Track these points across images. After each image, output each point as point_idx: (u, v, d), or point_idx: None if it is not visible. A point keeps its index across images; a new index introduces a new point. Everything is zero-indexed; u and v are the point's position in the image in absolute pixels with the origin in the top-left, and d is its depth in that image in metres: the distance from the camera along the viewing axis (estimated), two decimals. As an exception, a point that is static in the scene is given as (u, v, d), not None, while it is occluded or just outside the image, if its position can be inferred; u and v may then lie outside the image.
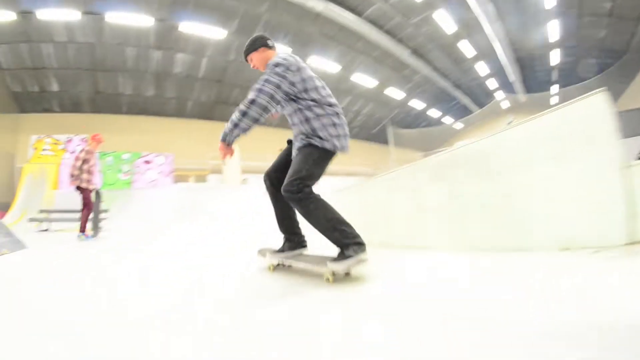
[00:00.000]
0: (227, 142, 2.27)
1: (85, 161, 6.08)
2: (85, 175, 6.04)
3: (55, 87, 15.80)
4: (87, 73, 15.40)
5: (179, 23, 13.95)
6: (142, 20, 13.58)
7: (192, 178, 14.68)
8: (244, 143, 12.36)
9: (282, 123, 13.47)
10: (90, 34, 13.87)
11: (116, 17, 13.35)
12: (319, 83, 2.39)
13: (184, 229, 7.52)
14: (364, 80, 19.30)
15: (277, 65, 2.23)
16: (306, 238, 2.61)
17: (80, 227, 6.05)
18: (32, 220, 9.04)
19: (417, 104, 23.07)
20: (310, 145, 2.30)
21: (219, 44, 15.14)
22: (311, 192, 2.20)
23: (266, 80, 2.17)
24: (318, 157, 2.31)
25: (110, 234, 7.16)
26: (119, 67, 15.41)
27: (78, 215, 7.21)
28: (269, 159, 13.08)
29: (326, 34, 15.81)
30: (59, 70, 15.08)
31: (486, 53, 18.58)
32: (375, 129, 23.23)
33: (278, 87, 2.17)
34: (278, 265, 2.53)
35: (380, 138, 23.82)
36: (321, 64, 17.04)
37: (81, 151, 6.18)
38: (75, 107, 16.54)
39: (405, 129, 23.22)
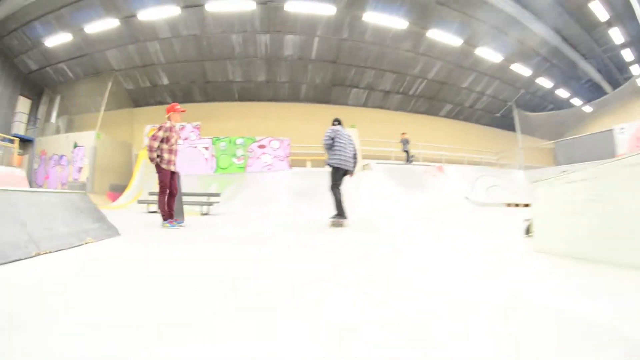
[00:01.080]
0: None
1: (165, 140, 5.25)
2: (166, 156, 5.23)
3: (165, 80, 16.53)
4: (195, 64, 15.60)
5: (284, 3, 13.06)
6: (245, 5, 13.06)
7: (309, 162, 13.84)
8: (363, 126, 10.86)
9: (401, 106, 15.27)
10: (193, 26, 13.97)
11: (217, 6, 13.09)
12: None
13: (296, 211, 8.11)
14: (488, 54, 16.59)
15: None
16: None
17: (162, 215, 5.32)
18: (140, 202, 9.07)
19: (544, 83, 19.89)
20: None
21: (330, 22, 13.84)
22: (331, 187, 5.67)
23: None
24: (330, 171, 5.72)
25: (212, 219, 6.84)
26: (227, 55, 15.15)
27: (185, 198, 7.14)
28: (389, 145, 11.19)
29: (443, 3, 13.98)
30: (167, 64, 15.78)
31: (623, 16, 15.01)
32: (499, 112, 20.38)
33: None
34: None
35: (504, 123, 20.71)
36: (442, 37, 14.94)
37: (159, 128, 5.25)
38: (186, 97, 16.84)
39: (532, 113, 20.11)
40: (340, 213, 5.36)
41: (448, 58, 15.98)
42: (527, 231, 3.64)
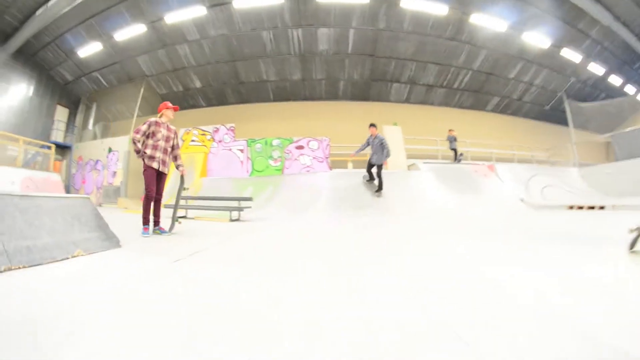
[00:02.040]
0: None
1: (150, 135, 5.01)
2: (148, 151, 4.94)
3: (197, 83, 16.33)
4: (226, 65, 15.26)
5: None
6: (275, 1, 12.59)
7: (350, 163, 13.18)
8: (406, 124, 8.13)
9: (446, 101, 13.14)
10: (221, 26, 13.63)
11: (244, 2, 12.63)
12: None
13: (334, 217, 7.39)
14: (536, 39, 15.15)
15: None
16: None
17: (145, 218, 4.97)
18: (166, 207, 8.49)
19: (595, 69, 18.27)
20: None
21: (364, 11, 13.04)
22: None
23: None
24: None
25: (239, 226, 6.27)
26: (259, 54, 14.68)
27: (213, 202, 7.44)
28: (435, 143, 14.63)
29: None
30: (198, 67, 15.57)
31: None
32: (549, 104, 18.91)
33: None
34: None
35: (554, 116, 19.08)
36: (485, 22, 13.77)
37: (144, 122, 5.07)
38: (220, 99, 16.67)
39: (584, 103, 18.48)
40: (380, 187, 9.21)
41: (493, 45, 14.79)
42: (633, 245, 2.82)
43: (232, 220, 7.21)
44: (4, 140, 13.93)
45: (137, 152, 4.94)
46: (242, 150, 12.41)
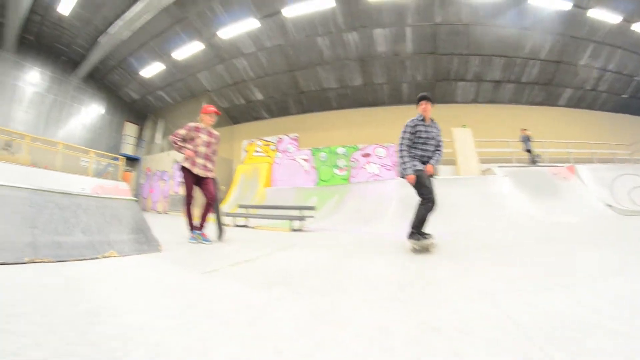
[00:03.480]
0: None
1: (189, 140, 4.94)
2: (194, 157, 4.90)
3: (258, 95, 16.63)
4: (285, 75, 15.38)
5: None
6: (323, 4, 12.30)
7: None
8: (475, 126, 5.97)
9: (515, 98, 10.68)
10: (275, 36, 13.71)
11: (294, 10, 12.55)
12: None
13: (397, 227, 6.60)
14: (604, 15, 13.24)
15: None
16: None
17: (189, 224, 4.92)
18: (227, 215, 8.47)
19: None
20: None
21: (418, 6, 12.42)
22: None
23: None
24: None
25: (298, 237, 5.93)
26: (316, 61, 14.63)
27: (275, 212, 7.29)
28: (507, 144, 13.02)
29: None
30: (257, 79, 15.85)
31: None
32: (626, 91, 17.18)
33: None
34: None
35: (633, 106, 17.17)
36: (546, 2, 12.52)
37: (183, 127, 5.01)
38: (282, 110, 16.85)
39: (665, 86, 16.48)
40: (419, 231, 3.88)
41: (558, 29, 13.51)
42: None
43: (293, 230, 7.11)
44: (76, 153, 15.17)
45: (179, 149, 4.90)
46: (306, 160, 12.46)
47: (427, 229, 3.98)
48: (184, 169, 4.89)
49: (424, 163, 4.11)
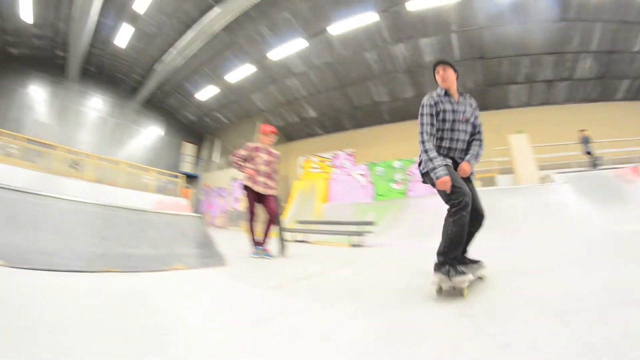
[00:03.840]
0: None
1: (249, 159, 5.25)
2: (255, 175, 5.21)
3: (312, 113, 17.24)
4: (336, 92, 15.83)
5: (404, 3, 12.04)
6: (366, 19, 12.60)
7: (478, 181, 12.27)
8: (531, 131, 7.81)
9: (570, 97, 10.15)
10: (324, 54, 14.18)
11: (339, 27, 12.96)
12: None
13: None
14: None
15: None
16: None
17: (251, 240, 5.21)
18: (283, 230, 8.90)
19: None
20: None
21: (459, 11, 12.29)
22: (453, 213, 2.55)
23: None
24: None
25: (357, 253, 5.90)
26: (366, 76, 14.95)
27: (334, 227, 7.25)
28: (565, 148, 12.45)
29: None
30: (310, 96, 16.45)
31: None
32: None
33: None
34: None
35: None
36: None
37: (243, 147, 5.33)
38: (336, 126, 17.26)
39: None
40: (453, 256, 2.40)
41: (606, 14, 12.67)
42: None
43: (353, 246, 7.18)
44: (138, 171, 16.69)
45: (240, 168, 5.16)
46: (363, 175, 12.84)
47: (470, 253, 2.85)
48: (246, 187, 5.17)
49: (454, 160, 2.78)
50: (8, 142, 13.01)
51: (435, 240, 5.89)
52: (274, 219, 5.29)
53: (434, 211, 8.98)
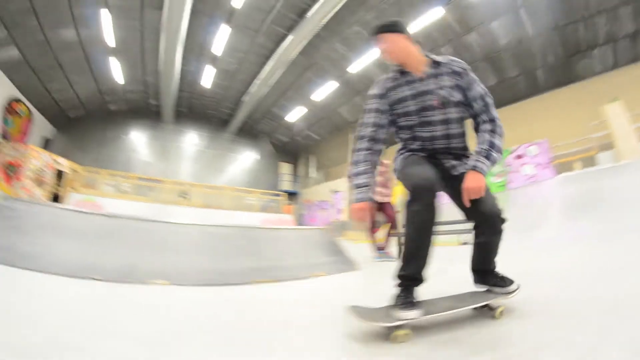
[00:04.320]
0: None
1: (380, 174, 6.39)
2: (378, 189, 6.41)
3: None
4: None
5: None
6: (434, 15, 13.98)
7: (577, 162, 12.35)
8: (626, 96, 9.19)
9: None
10: None
11: (410, 28, 14.16)
12: None
13: (562, 233, 6.37)
14: None
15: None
16: None
17: (374, 245, 6.33)
18: (391, 235, 7.84)
19: None
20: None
21: None
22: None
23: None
24: None
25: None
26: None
27: (453, 226, 7.46)
28: None
29: None
30: None
31: None
32: None
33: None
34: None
35: None
36: None
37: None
38: None
39: None
40: (408, 273, 1.90)
41: None
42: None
43: (463, 244, 7.64)
44: (241, 194, 20.66)
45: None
46: None
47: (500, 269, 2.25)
48: None
49: (438, 163, 2.23)
50: (120, 182, 17.67)
51: (539, 231, 6.91)
52: (393, 224, 6.30)
53: (534, 201, 9.47)
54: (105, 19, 13.99)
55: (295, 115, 22.33)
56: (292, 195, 24.81)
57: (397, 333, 1.69)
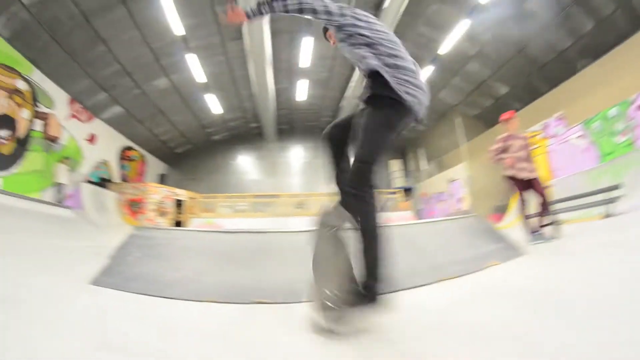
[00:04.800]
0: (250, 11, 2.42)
1: (504, 150, 6.46)
2: (515, 163, 6.25)
3: (502, 89, 18.51)
4: (518, 57, 16.44)
5: None
6: None
7: None
8: None
9: None
10: (487, 25, 15.28)
11: None
12: None
13: None
14: None
15: None
16: None
17: (528, 227, 6.15)
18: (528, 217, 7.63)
19: None
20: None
21: None
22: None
23: None
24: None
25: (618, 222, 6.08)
26: (539, 27, 14.93)
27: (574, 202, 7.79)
28: None
29: None
30: (494, 73, 17.74)
31: None
32: None
33: None
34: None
35: None
36: None
37: (496, 141, 6.56)
38: (532, 94, 17.06)
39: None
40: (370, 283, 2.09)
41: None
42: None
43: (604, 217, 7.33)
44: None
45: (498, 161, 6.42)
46: (582, 137, 12.80)
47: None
48: (510, 177, 6.27)
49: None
50: (237, 202, 20.14)
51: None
52: (545, 200, 6.11)
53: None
54: (192, 61, 16.75)
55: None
56: (407, 191, 25.20)
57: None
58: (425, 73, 18.36)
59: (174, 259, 3.73)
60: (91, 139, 17.10)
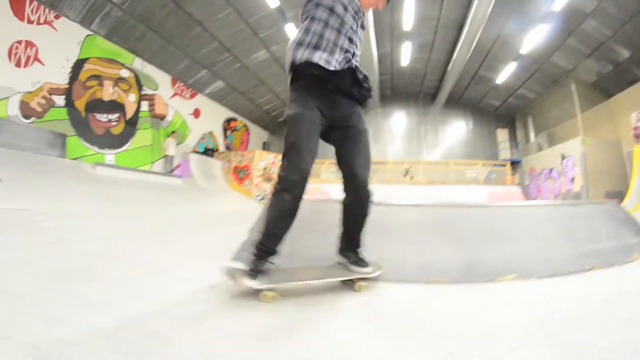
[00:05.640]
0: None
1: None
2: None
3: (624, 53, 16.57)
4: None
5: None
6: None
7: None
8: None
9: None
10: None
11: None
12: None
13: None
14: None
15: None
16: None
17: None
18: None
19: None
20: None
21: None
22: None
23: None
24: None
25: None
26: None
27: None
28: None
29: None
30: (615, 34, 15.97)
31: None
32: None
33: None
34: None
35: None
36: None
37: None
38: None
39: None
40: (267, 245, 2.38)
41: None
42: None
43: None
44: (463, 167, 22.31)
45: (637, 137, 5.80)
46: None
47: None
48: None
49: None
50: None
51: None
52: None
53: None
54: (291, 30, 17.95)
55: (503, 75, 22.50)
56: (513, 164, 24.73)
57: (265, 294, 2.18)
58: (538, 33, 17.70)
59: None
60: (196, 113, 20.18)
